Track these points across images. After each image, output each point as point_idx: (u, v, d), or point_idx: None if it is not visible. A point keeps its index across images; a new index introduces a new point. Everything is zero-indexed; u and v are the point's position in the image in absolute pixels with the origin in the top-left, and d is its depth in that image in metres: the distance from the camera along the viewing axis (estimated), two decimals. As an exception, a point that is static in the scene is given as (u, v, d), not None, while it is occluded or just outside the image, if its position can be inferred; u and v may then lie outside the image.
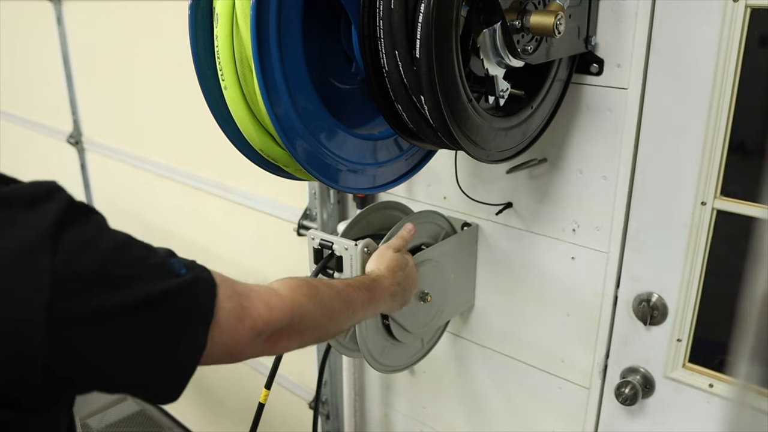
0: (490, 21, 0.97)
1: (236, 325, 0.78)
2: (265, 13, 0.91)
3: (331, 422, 1.99)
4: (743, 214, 1.11)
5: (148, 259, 0.72)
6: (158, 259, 0.74)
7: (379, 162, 1.14)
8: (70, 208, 0.68)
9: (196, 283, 0.75)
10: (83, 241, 0.67)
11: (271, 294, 0.84)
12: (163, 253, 0.76)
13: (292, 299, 0.86)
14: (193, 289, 0.74)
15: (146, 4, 2.12)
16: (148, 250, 0.74)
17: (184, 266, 0.75)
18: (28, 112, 3.03)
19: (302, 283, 0.90)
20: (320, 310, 0.91)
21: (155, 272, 0.71)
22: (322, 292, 0.92)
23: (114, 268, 0.68)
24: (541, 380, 1.47)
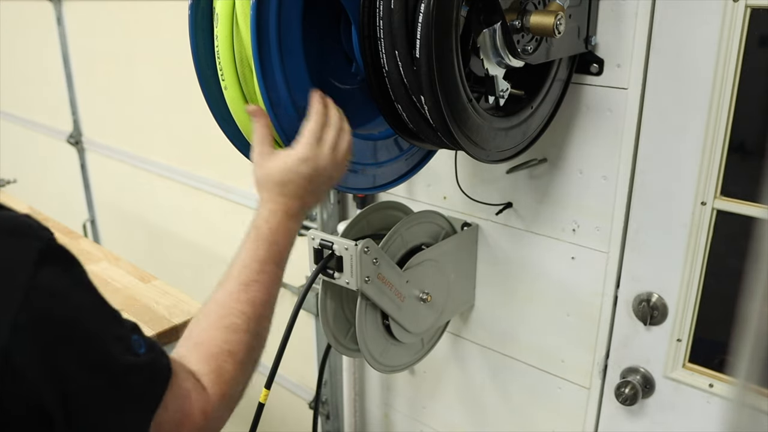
0: (490, 21, 0.97)
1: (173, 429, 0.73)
2: (265, 13, 0.91)
3: (331, 422, 1.99)
4: (743, 214, 1.11)
5: (112, 329, 0.69)
6: (122, 331, 0.70)
7: (379, 162, 1.14)
8: (50, 250, 0.65)
9: (152, 368, 0.71)
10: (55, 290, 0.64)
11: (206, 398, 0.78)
12: (127, 325, 0.72)
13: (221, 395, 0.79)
14: (147, 374, 0.70)
15: (146, 4, 2.12)
16: (114, 319, 0.70)
17: (144, 345, 0.71)
18: (28, 112, 3.03)
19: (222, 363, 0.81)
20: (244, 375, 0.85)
21: (116, 344, 0.68)
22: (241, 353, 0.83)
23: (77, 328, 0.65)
24: (541, 380, 1.47)
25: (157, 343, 0.74)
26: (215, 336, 0.83)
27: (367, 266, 1.20)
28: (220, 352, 0.82)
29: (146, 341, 0.72)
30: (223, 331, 0.83)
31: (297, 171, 0.92)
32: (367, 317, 1.27)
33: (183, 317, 1.48)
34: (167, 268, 2.49)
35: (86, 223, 2.88)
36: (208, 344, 0.82)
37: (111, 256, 1.79)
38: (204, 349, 0.82)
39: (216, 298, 0.87)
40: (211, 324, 0.84)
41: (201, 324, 0.85)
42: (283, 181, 0.92)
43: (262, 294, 0.88)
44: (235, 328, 0.84)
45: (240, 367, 0.83)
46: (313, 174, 0.92)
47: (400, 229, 1.30)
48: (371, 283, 1.22)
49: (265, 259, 0.89)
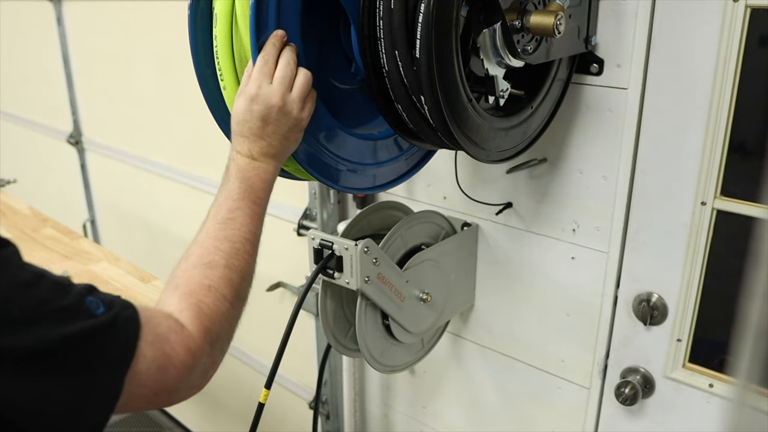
0: (490, 21, 0.97)
1: (158, 376, 0.71)
2: (265, 14, 0.91)
3: (331, 422, 1.99)
4: (743, 214, 1.11)
5: (55, 301, 0.65)
6: (70, 299, 0.66)
7: (379, 162, 1.14)
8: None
9: (114, 324, 0.68)
10: None
11: (187, 335, 0.76)
12: (79, 290, 0.68)
13: (204, 330, 0.77)
14: (109, 332, 0.67)
15: (146, 4, 2.12)
16: (58, 290, 0.66)
17: (102, 304, 0.68)
18: (28, 112, 3.03)
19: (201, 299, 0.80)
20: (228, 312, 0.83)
21: (61, 315, 0.64)
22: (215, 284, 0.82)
23: (11, 309, 0.61)
24: (541, 380, 1.47)
25: (118, 298, 0.72)
26: (193, 274, 0.82)
27: (367, 266, 1.20)
28: (198, 287, 0.81)
29: (104, 300, 0.69)
30: (201, 268, 0.83)
31: (248, 110, 0.90)
32: (367, 317, 1.27)
33: (183, 317, 1.48)
34: (167, 268, 2.49)
35: (86, 223, 2.88)
36: (186, 283, 0.81)
37: (111, 256, 1.79)
38: (182, 288, 0.81)
39: (195, 240, 0.87)
40: (189, 264, 0.84)
41: (180, 266, 0.84)
42: (238, 122, 0.92)
43: (238, 230, 0.87)
44: (213, 264, 0.83)
45: (221, 301, 0.81)
46: (265, 112, 0.90)
47: (400, 229, 1.30)
48: (371, 283, 1.22)
49: (238, 195, 0.89)
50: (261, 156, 0.92)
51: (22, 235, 1.90)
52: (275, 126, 0.91)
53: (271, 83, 0.90)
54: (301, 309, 1.23)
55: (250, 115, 0.90)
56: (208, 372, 0.80)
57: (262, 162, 0.92)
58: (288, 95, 0.91)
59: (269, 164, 0.93)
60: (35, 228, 1.95)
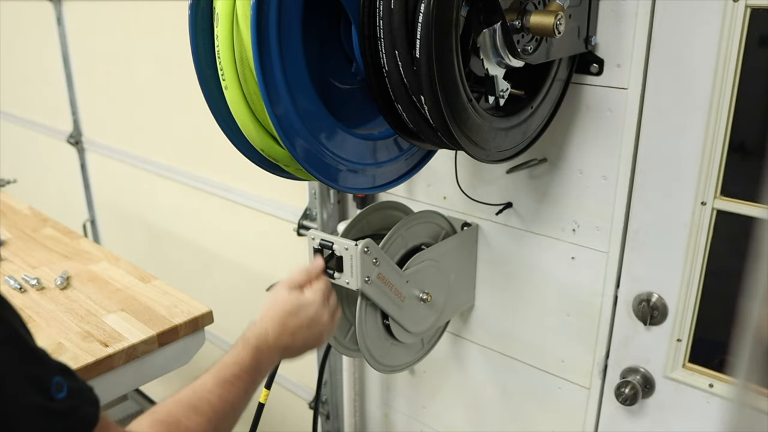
0: (490, 21, 0.97)
1: None
2: (266, 13, 0.91)
3: (331, 422, 2.00)
4: (743, 214, 1.11)
5: (24, 366, 0.63)
6: (37, 371, 0.64)
7: (379, 162, 1.14)
8: None
9: (67, 416, 0.65)
10: None
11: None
12: (51, 367, 0.66)
13: None
14: (58, 421, 0.64)
15: (146, 4, 2.12)
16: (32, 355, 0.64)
17: (67, 391, 0.65)
18: (28, 112, 3.03)
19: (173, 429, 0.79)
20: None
21: (26, 383, 0.62)
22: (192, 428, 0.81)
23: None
24: (541, 380, 1.47)
25: (88, 390, 0.69)
26: (176, 410, 0.82)
27: (367, 266, 1.20)
28: (175, 422, 0.80)
29: (71, 386, 0.66)
30: (186, 408, 0.83)
31: (305, 311, 1.03)
32: (367, 317, 1.27)
33: (183, 317, 1.48)
34: (167, 268, 2.49)
35: (86, 223, 2.88)
36: (164, 414, 0.81)
37: (111, 256, 1.79)
38: (158, 416, 0.80)
39: (191, 385, 0.88)
40: (176, 401, 0.84)
41: (167, 401, 0.84)
42: (291, 312, 1.02)
43: (233, 396, 0.89)
44: (199, 410, 0.84)
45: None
46: (312, 322, 1.03)
47: (400, 229, 1.30)
48: (371, 283, 1.22)
49: (248, 368, 0.93)
50: (282, 348, 1.00)
51: (22, 235, 1.90)
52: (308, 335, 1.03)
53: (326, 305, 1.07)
54: (301, 309, 1.23)
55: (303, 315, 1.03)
56: None
57: (277, 354, 1.00)
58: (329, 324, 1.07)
59: (278, 359, 1.01)
60: (35, 228, 1.95)
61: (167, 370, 1.48)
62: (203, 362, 1.11)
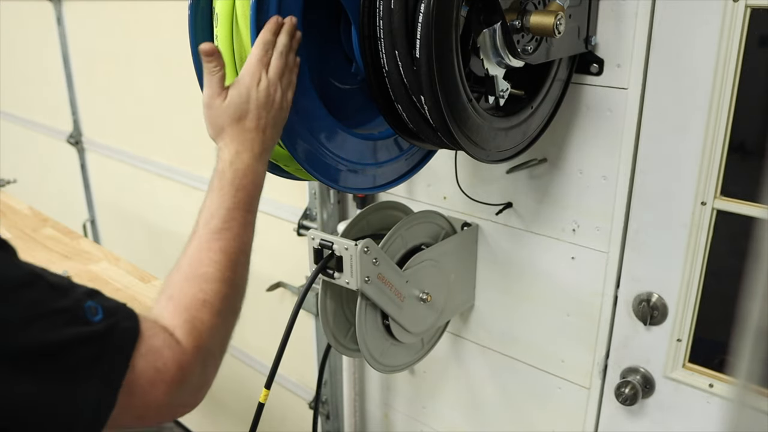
0: (490, 21, 0.97)
1: (148, 389, 0.68)
2: (265, 14, 0.91)
3: (331, 422, 2.00)
4: (743, 214, 1.11)
5: (49, 302, 0.63)
6: (66, 302, 0.64)
7: (379, 162, 1.14)
8: None
9: (110, 334, 0.65)
10: None
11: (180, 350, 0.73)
12: (78, 294, 0.66)
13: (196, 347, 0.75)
14: (103, 341, 0.65)
15: (146, 4, 2.12)
16: (54, 291, 0.64)
17: (102, 311, 0.66)
18: (28, 112, 3.03)
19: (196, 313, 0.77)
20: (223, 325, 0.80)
21: (55, 318, 0.62)
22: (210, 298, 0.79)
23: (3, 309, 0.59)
24: (541, 380, 1.47)
25: (123, 306, 0.69)
26: (188, 287, 0.79)
27: (367, 266, 1.20)
28: (193, 302, 0.78)
29: (105, 306, 0.67)
30: (196, 281, 0.80)
31: (252, 99, 0.88)
32: (367, 317, 1.27)
33: (183, 317, 1.48)
34: (167, 268, 2.49)
35: (86, 223, 2.88)
36: (181, 296, 0.78)
37: (111, 256, 1.79)
38: (177, 301, 0.78)
39: (187, 250, 0.84)
40: (183, 276, 0.81)
41: (174, 277, 0.81)
42: (240, 114, 0.88)
43: (234, 241, 0.84)
44: (207, 277, 0.80)
45: (216, 317, 0.79)
46: (265, 101, 0.89)
47: (400, 229, 1.30)
48: (371, 283, 1.22)
49: (233, 205, 0.86)
50: (260, 152, 0.89)
51: (22, 235, 1.90)
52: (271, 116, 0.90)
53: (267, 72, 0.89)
54: (301, 309, 1.23)
55: (253, 104, 0.88)
56: (200, 390, 0.78)
57: (259, 162, 0.89)
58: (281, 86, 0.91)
59: (263, 164, 0.91)
60: (35, 228, 1.95)
61: (167, 370, 1.48)
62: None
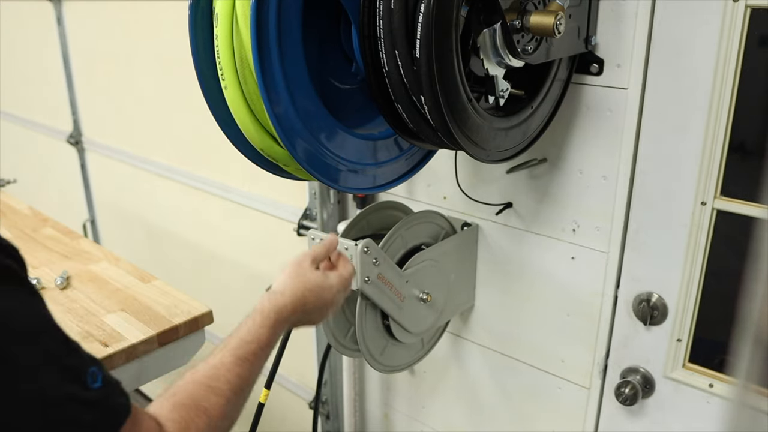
0: (490, 21, 0.97)
1: None
2: (265, 13, 0.91)
3: (331, 422, 2.00)
4: (743, 214, 1.11)
5: (62, 357, 0.65)
6: (75, 360, 0.66)
7: (379, 162, 1.14)
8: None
9: (100, 405, 0.67)
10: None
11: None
12: (85, 356, 0.68)
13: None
14: (93, 410, 0.66)
15: (146, 4, 2.12)
16: (66, 346, 0.66)
17: (101, 381, 0.67)
18: (28, 112, 3.03)
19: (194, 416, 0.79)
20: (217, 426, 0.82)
21: (63, 373, 0.64)
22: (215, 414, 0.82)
23: (18, 351, 0.61)
24: (541, 380, 1.47)
25: (118, 383, 0.71)
26: (196, 391, 0.82)
27: (367, 266, 1.20)
28: (195, 406, 0.80)
29: (104, 376, 0.68)
30: (206, 389, 0.83)
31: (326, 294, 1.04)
32: (367, 317, 1.27)
33: (183, 317, 1.48)
34: (167, 268, 2.49)
35: (86, 223, 2.88)
36: (185, 397, 0.81)
37: (111, 256, 1.79)
38: (179, 399, 0.80)
39: (209, 361, 0.87)
40: (195, 381, 0.83)
41: (185, 379, 0.84)
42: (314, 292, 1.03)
43: (250, 374, 0.89)
44: (217, 391, 0.83)
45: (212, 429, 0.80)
46: (326, 305, 1.05)
47: (400, 229, 1.30)
48: (371, 283, 1.22)
49: (265, 346, 0.92)
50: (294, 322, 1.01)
51: (22, 235, 1.90)
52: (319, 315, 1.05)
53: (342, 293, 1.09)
54: (301, 309, 1.23)
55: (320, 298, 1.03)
56: None
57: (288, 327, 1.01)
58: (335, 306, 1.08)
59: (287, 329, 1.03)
60: (35, 228, 1.95)
61: (167, 370, 1.48)
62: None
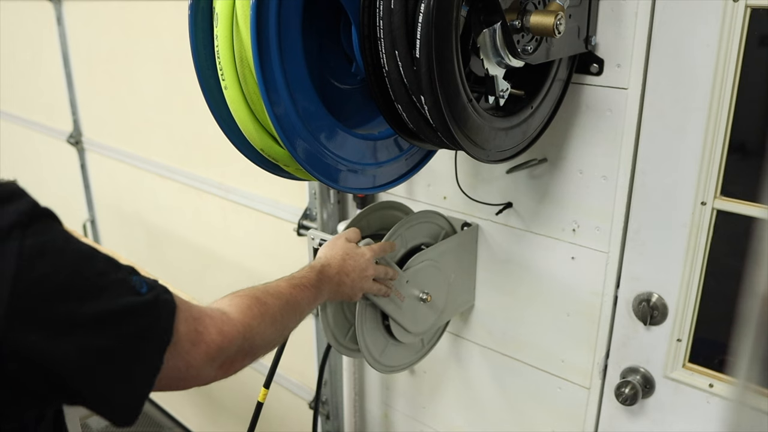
0: (490, 21, 0.97)
1: (190, 349, 0.78)
2: (265, 13, 0.91)
3: (331, 422, 2.00)
4: (743, 214, 1.11)
5: (110, 274, 0.71)
6: (120, 274, 0.73)
7: (379, 162, 1.14)
8: (35, 212, 0.67)
9: (157, 304, 0.74)
10: (48, 248, 0.66)
11: (224, 319, 0.84)
12: (125, 269, 0.75)
13: (243, 323, 0.85)
14: (153, 310, 0.74)
15: (146, 4, 2.12)
16: (110, 265, 0.73)
17: (145, 285, 0.74)
18: (28, 112, 3.03)
19: (252, 303, 0.89)
20: (270, 326, 0.91)
21: (117, 288, 0.71)
22: (271, 308, 0.92)
23: (77, 279, 0.67)
24: (541, 380, 1.47)
25: (156, 282, 0.77)
26: (253, 291, 0.93)
27: (367, 266, 1.20)
28: (254, 297, 0.90)
29: (147, 280, 0.75)
30: (264, 291, 0.94)
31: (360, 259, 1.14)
32: (367, 317, 1.27)
33: (183, 317, 1.48)
34: (167, 268, 2.49)
35: (86, 223, 2.88)
36: (242, 293, 0.91)
37: (111, 256, 1.79)
38: (242, 293, 0.91)
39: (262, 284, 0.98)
40: (253, 287, 0.94)
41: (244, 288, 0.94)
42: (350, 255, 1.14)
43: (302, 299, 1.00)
44: (275, 295, 0.94)
45: (266, 319, 0.89)
46: (361, 272, 1.14)
47: (400, 229, 1.30)
48: (371, 283, 1.22)
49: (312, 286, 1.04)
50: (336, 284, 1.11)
51: (22, 235, 1.90)
52: (354, 285, 1.14)
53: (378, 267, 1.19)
54: (301, 309, 1.23)
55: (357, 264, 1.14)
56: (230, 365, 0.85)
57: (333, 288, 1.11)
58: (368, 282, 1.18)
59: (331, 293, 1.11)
60: (35, 228, 1.94)
61: (167, 370, 1.48)
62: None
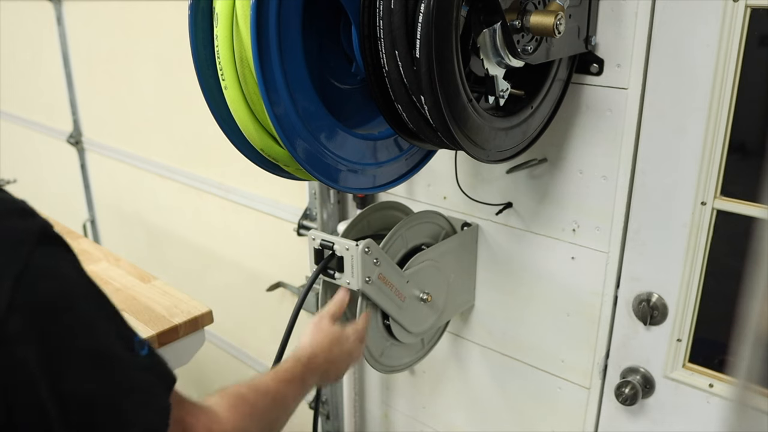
0: (490, 21, 0.97)
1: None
2: (265, 13, 0.91)
3: (331, 422, 2.00)
4: (743, 214, 1.11)
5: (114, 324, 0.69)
6: (123, 329, 0.70)
7: (379, 162, 1.14)
8: (48, 234, 0.65)
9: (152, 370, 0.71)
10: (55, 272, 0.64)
11: (213, 419, 0.80)
12: (130, 326, 0.72)
13: (233, 424, 0.82)
14: (149, 374, 0.71)
15: (146, 4, 2.12)
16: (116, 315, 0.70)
17: (148, 349, 0.72)
18: (28, 112, 3.03)
19: (239, 401, 0.86)
20: (257, 424, 0.88)
21: (118, 334, 0.68)
22: (259, 408, 0.89)
23: (83, 308, 0.65)
24: (541, 380, 1.47)
25: (159, 354, 0.75)
26: (242, 387, 0.89)
27: (368, 266, 1.20)
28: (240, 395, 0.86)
29: (149, 346, 0.72)
30: (250, 387, 0.90)
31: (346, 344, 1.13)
32: (367, 317, 1.27)
33: (183, 317, 1.48)
34: (167, 268, 2.49)
35: (86, 223, 2.88)
36: (234, 392, 0.87)
37: (111, 256, 1.79)
38: (227, 391, 0.86)
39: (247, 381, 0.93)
40: (240, 385, 0.90)
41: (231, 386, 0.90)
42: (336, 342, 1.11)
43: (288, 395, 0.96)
44: (263, 390, 0.91)
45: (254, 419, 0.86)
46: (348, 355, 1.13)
47: (400, 229, 1.30)
48: (372, 284, 1.22)
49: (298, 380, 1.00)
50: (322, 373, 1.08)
51: (22, 235, 1.90)
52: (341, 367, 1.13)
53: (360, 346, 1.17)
54: (301, 309, 1.23)
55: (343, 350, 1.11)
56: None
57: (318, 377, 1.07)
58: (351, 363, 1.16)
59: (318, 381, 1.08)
60: (35, 228, 1.94)
61: (167, 370, 1.48)
62: (203, 362, 1.12)
